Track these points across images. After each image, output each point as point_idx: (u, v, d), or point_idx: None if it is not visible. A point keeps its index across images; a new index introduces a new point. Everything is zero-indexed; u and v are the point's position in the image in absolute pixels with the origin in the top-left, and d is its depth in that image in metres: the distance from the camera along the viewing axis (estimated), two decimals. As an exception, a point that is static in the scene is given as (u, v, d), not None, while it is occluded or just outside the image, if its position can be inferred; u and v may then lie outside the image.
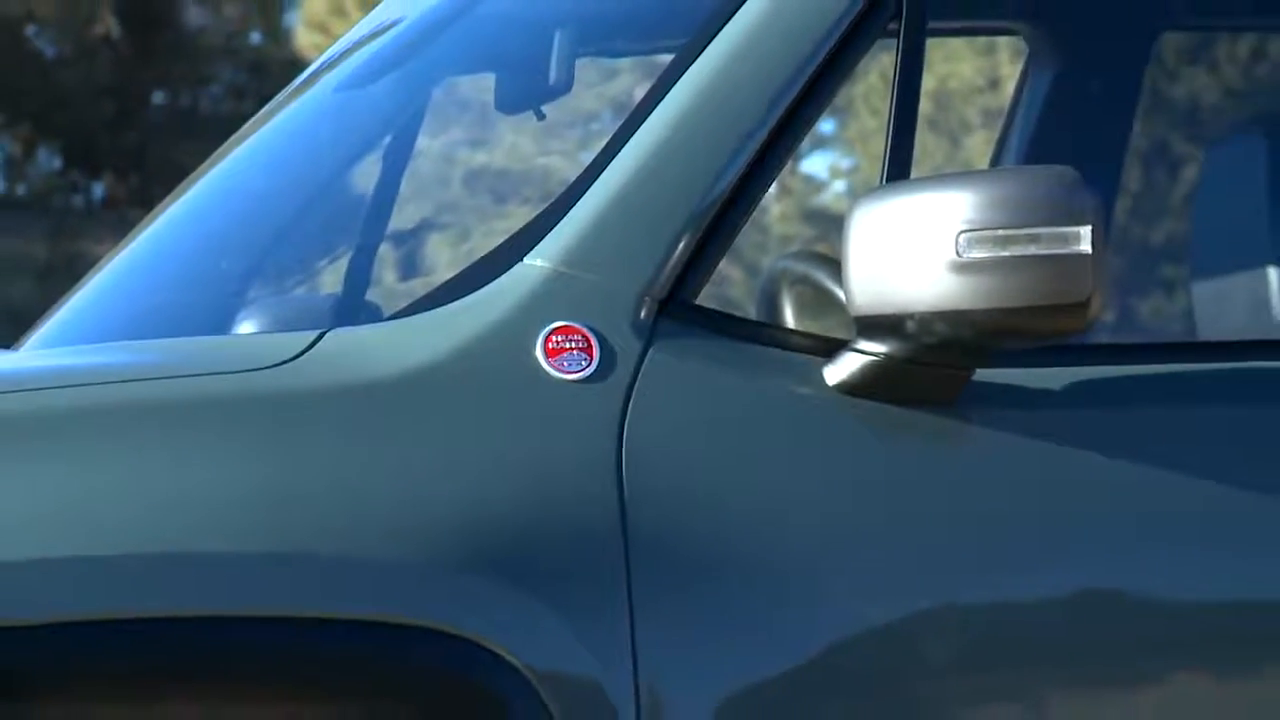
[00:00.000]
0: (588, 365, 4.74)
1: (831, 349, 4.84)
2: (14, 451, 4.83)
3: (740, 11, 4.97)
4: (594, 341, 4.74)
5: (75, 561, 4.73)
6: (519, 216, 5.05)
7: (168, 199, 6.02)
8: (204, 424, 4.84)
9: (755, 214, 4.99)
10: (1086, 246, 4.69)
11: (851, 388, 4.82)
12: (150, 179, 24.09)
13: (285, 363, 4.92)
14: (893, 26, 5.02)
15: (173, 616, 4.65)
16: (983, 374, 4.85)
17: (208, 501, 4.70)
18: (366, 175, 5.74)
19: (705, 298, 4.83)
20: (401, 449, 4.79)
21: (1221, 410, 5.15)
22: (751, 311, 5.04)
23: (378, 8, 6.39)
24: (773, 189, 5.00)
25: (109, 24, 34.66)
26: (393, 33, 6.01)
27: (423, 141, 5.77)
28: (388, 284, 5.42)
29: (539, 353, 4.74)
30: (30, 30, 35.51)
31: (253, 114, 6.26)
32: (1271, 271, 5.57)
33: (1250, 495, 5.03)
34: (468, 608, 4.67)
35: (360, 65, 6.00)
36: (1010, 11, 6.09)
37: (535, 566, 4.72)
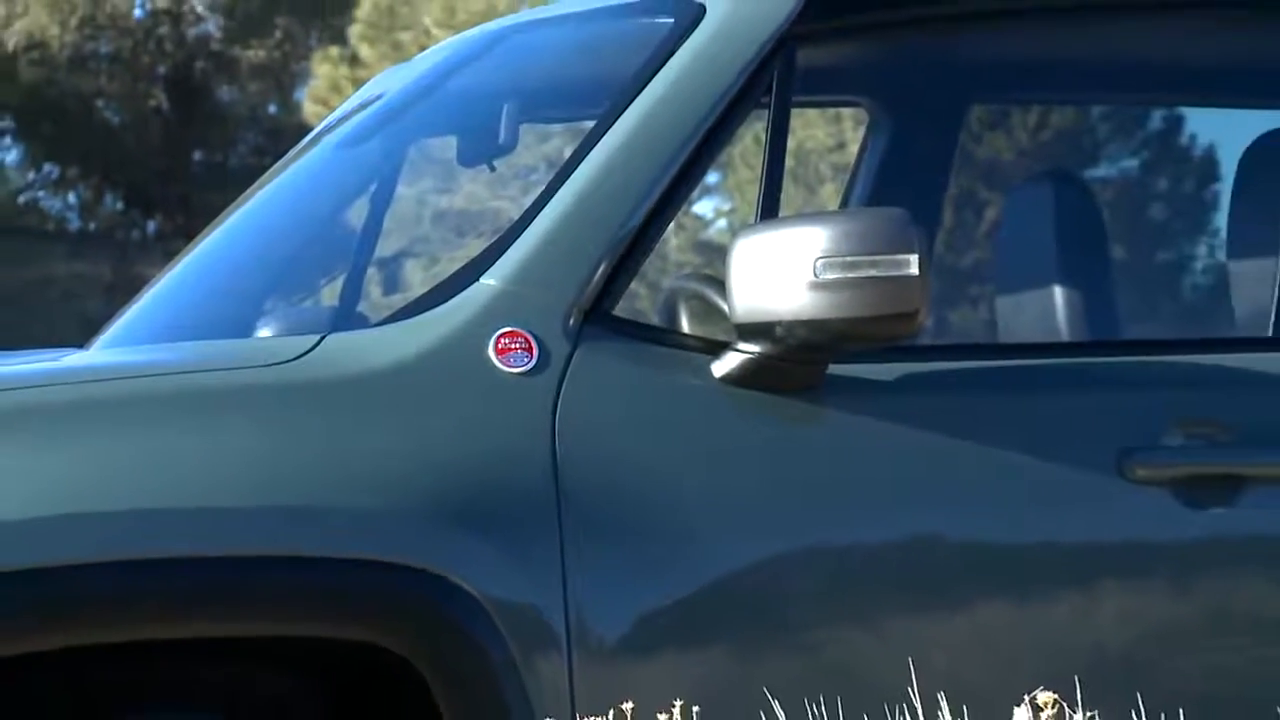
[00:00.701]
0: (529, 362, 4.92)
1: (717, 349, 5.04)
2: (80, 423, 4.91)
3: (647, 88, 5.18)
4: (534, 343, 4.94)
5: (126, 514, 4.74)
6: (475, 246, 5.42)
7: (204, 232, 6.05)
8: (232, 406, 5.00)
9: (658, 244, 4.88)
10: (914, 270, 4.91)
11: (733, 379, 4.99)
12: (191, 218, 23.93)
13: (295, 359, 5.08)
14: (764, 100, 5.21)
15: (205, 556, 4.73)
16: (835, 368, 5.04)
17: (234, 467, 4.85)
18: (357, 214, 5.93)
19: (620, 309, 5.11)
20: (384, 425, 4.96)
21: (1014, 396, 5.32)
22: (656, 320, 4.98)
23: (365, 85, 6.41)
24: (671, 225, 4.93)
25: (160, 99, 34.51)
26: (377, 105, 6.25)
27: (400, 188, 6.10)
28: (374, 298, 5.69)
29: (490, 352, 4.92)
30: (100, 103, 35.17)
31: (270, 167, 6.17)
32: (1056, 289, 5.56)
33: (1033, 461, 5.10)
34: (436, 550, 4.81)
35: (352, 129, 6.17)
36: (854, 89, 6.18)
37: (487, 517, 4.88)
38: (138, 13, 35.48)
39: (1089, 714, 3.83)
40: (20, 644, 4.59)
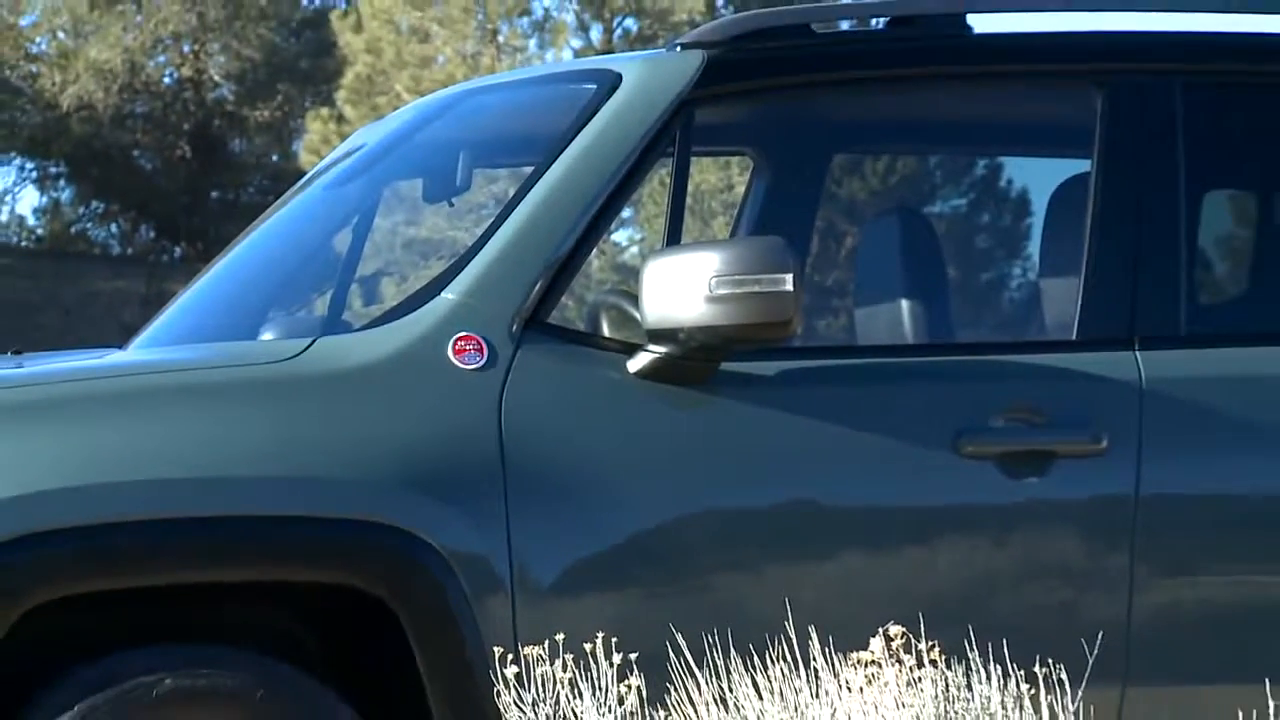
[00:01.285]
0: (480, 360, 4.92)
1: (631, 350, 5.03)
2: (119, 410, 4.94)
3: (574, 141, 5.19)
4: (484, 345, 4.94)
5: (153, 482, 4.78)
6: (437, 267, 5.41)
7: (218, 256, 6.06)
8: (241, 395, 5.03)
9: (584, 266, 5.17)
10: (789, 287, 4.89)
11: (644, 374, 4.98)
12: (210, 244, 23.76)
13: (292, 357, 5.08)
14: (669, 151, 5.18)
15: (221, 516, 4.76)
16: (726, 365, 5.01)
17: (243, 443, 4.87)
18: (341, 241, 6.02)
19: (553, 318, 5.11)
20: (364, 410, 4.96)
21: (869, 388, 5.28)
22: (583, 326, 4.95)
23: (348, 138, 6.38)
24: (594, 251, 4.92)
25: (185, 149, 34.26)
26: (358, 154, 6.22)
27: (377, 220, 6.17)
28: (355, 309, 5.75)
29: (449, 352, 4.92)
30: (136, 153, 34.93)
31: (272, 204, 6.21)
32: (902, 302, 5.66)
33: (884, 439, 5.10)
34: (405, 510, 4.83)
35: (338, 173, 6.21)
36: (740, 142, 6.22)
37: (446, 485, 4.88)
38: (167, 80, 35.30)
39: (930, 643, 3.82)
40: (73, 586, 4.62)
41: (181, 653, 4.69)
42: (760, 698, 3.88)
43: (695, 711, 3.90)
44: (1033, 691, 3.84)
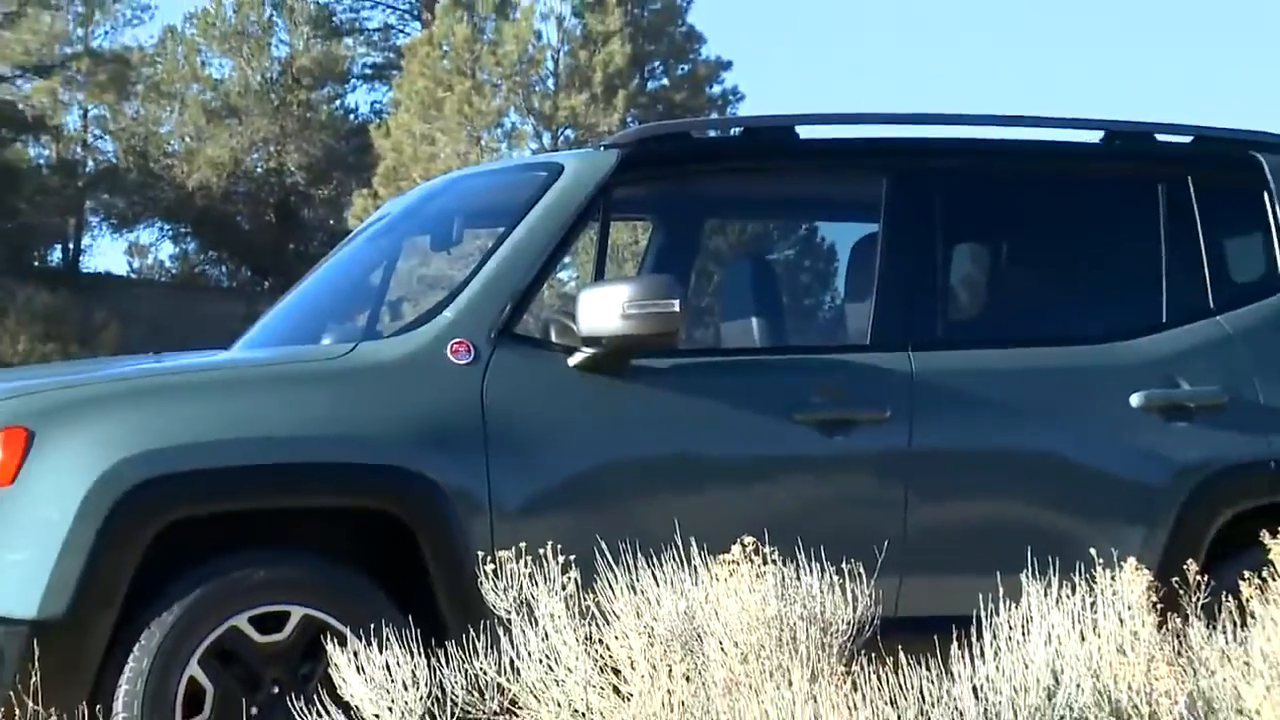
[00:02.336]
0: (469, 358, 4.87)
1: (571, 351, 4.96)
2: (226, 390, 4.95)
3: (531, 211, 5.11)
4: (472, 348, 4.89)
5: (256, 439, 4.76)
6: (439, 295, 5.27)
7: (291, 289, 6.23)
8: (309, 380, 5.00)
9: (538, 294, 5.18)
10: (676, 309, 4.89)
11: (580, 367, 4.94)
12: (288, 280, 23.35)
13: (342, 355, 5.06)
14: (596, 217, 5.19)
15: (294, 462, 4.76)
16: (634, 361, 4.95)
17: (311, 413, 4.85)
18: (375, 277, 6.00)
19: (519, 329, 5.04)
20: (391, 391, 4.89)
21: (731, 376, 5.24)
22: (538, 335, 4.86)
23: (381, 207, 6.34)
24: (545, 284, 4.89)
25: (271, 215, 33.80)
26: (386, 218, 6.22)
27: (399, 263, 6.07)
28: (385, 323, 5.69)
29: (448, 352, 4.87)
30: (239, 218, 34.57)
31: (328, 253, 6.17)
32: (753, 319, 5.55)
33: (741, 410, 5.05)
34: (417, 459, 4.77)
35: (373, 231, 6.18)
36: (643, 211, 6.28)
37: (446, 441, 4.83)
38: (258, 169, 34.98)
39: (771, 549, 3.79)
40: (194, 510, 4.59)
41: (266, 555, 4.67)
42: (658, 585, 3.83)
43: (613, 594, 3.85)
44: (840, 580, 3.81)
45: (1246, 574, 3.62)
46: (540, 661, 3.81)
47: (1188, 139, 5.62)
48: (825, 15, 51.22)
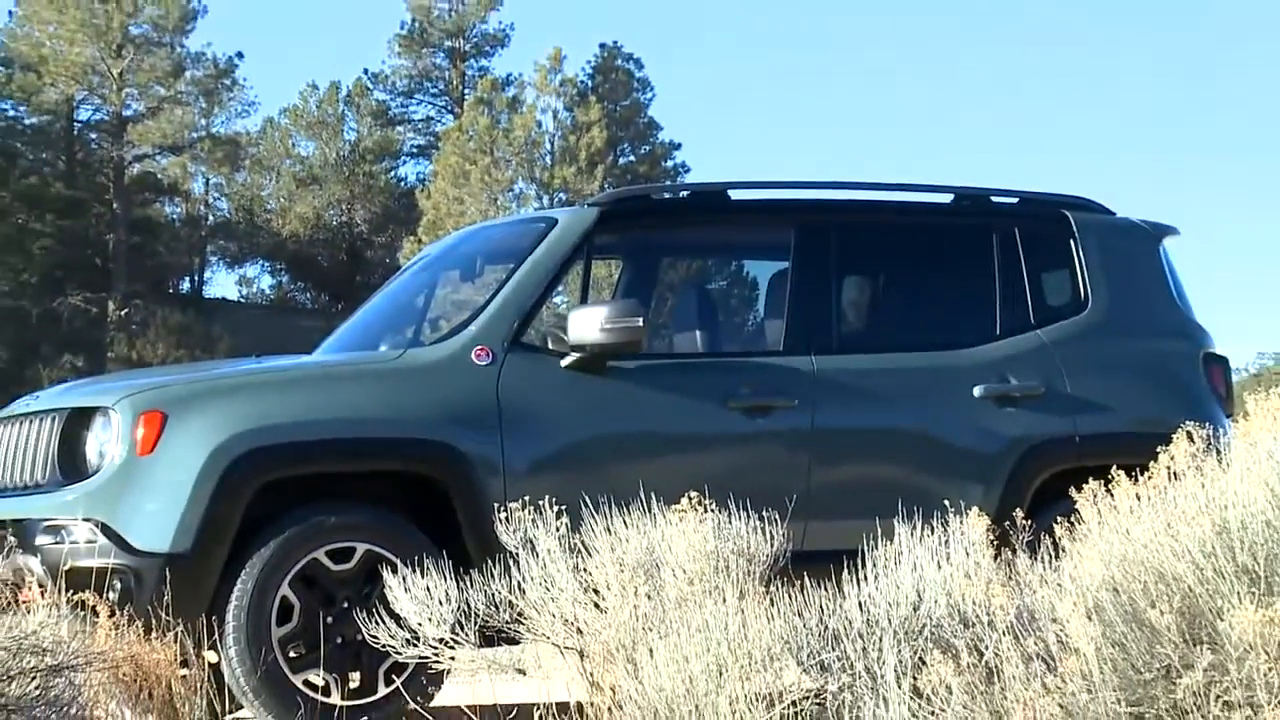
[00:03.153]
0: (488, 360, 4.82)
1: (563, 355, 4.89)
2: (308, 384, 4.90)
3: (533, 252, 5.04)
4: (490, 352, 4.83)
5: (332, 420, 4.68)
6: (465, 314, 5.18)
7: (358, 310, 6.17)
8: (370, 377, 4.92)
9: (539, 313, 5.11)
10: (640, 324, 4.85)
11: (570, 367, 4.87)
12: (355, 304, 23.16)
13: (395, 359, 5.04)
14: (581, 257, 5.12)
15: (360, 437, 4.69)
16: (610, 363, 4.88)
17: (371, 402, 4.76)
18: (419, 300, 5.91)
19: (525, 339, 4.95)
20: (431, 385, 4.80)
21: (681, 374, 5.17)
22: (539, 343, 4.83)
23: (422, 250, 6.39)
24: (544, 306, 5.07)
25: (344, 257, 33.64)
26: (426, 257, 6.17)
27: (436, 291, 5.90)
28: (426, 335, 5.56)
29: (472, 356, 4.82)
30: (319, 258, 34.42)
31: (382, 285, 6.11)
32: (697, 331, 5.56)
33: (690, 400, 4.99)
34: (451, 435, 4.71)
35: (417, 266, 6.14)
36: (615, 253, 6.15)
37: (470, 422, 4.74)
38: (335, 222, 34.95)
39: (711, 502, 3.74)
40: (285, 473, 4.55)
41: (338, 506, 4.61)
42: (626, 528, 3.79)
43: (594, 534, 3.82)
44: (761, 524, 3.79)
45: (1058, 519, 3.63)
46: (540, 584, 3.78)
47: (1015, 200, 5.60)
48: (752, 107, 51.44)
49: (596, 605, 3.68)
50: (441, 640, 3.88)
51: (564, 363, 4.84)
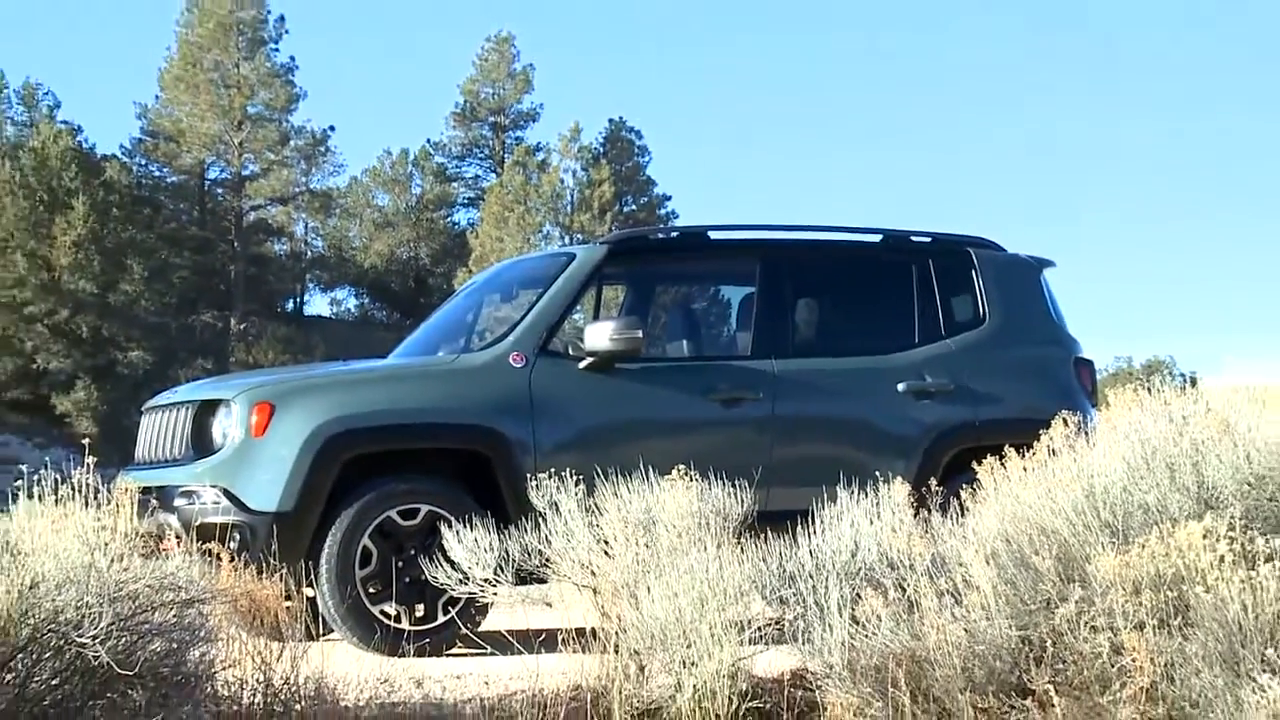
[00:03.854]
0: (523, 364, 4.77)
1: (581, 359, 4.83)
2: (383, 381, 4.84)
3: (557, 280, 4.97)
4: (524, 357, 4.78)
5: (404, 409, 4.64)
6: (506, 327, 5.09)
7: (420, 324, 6.09)
8: (433, 376, 4.85)
9: (561, 327, 4.99)
10: (640, 335, 4.83)
11: (587, 369, 4.80)
12: (419, 320, 22.76)
13: (451, 361, 4.94)
14: (594, 284, 5.10)
15: (424, 422, 4.63)
16: (617, 365, 4.81)
17: (433, 394, 4.70)
18: (469, 316, 5.78)
19: (551, 347, 4.86)
20: (479, 383, 4.73)
21: (673, 374, 5.10)
22: (562, 350, 4.77)
23: (471, 278, 6.29)
24: (565, 321, 5.03)
25: (412, 284, 33.37)
26: (473, 284, 6.09)
27: (482, 309, 5.74)
28: (475, 344, 5.38)
29: (510, 360, 4.76)
30: (393, 284, 34.12)
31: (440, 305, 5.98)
32: (684, 340, 5.47)
33: (679, 393, 4.91)
34: (495, 420, 4.65)
35: (467, 290, 6.09)
36: (620, 281, 5.79)
37: (509, 411, 4.67)
38: (405, 257, 34.78)
39: (696, 473, 3.71)
40: (365, 450, 4.49)
41: (406, 476, 4.56)
42: (630, 492, 3.75)
43: (604, 498, 3.78)
44: (733, 490, 3.75)
45: (963, 486, 3.60)
46: (562, 536, 3.73)
47: (929, 239, 5.55)
48: (728, 165, 51.14)
49: (606, 553, 3.64)
50: (486, 580, 3.85)
51: (581, 365, 4.77)
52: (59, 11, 44.58)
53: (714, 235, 5.39)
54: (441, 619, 4.43)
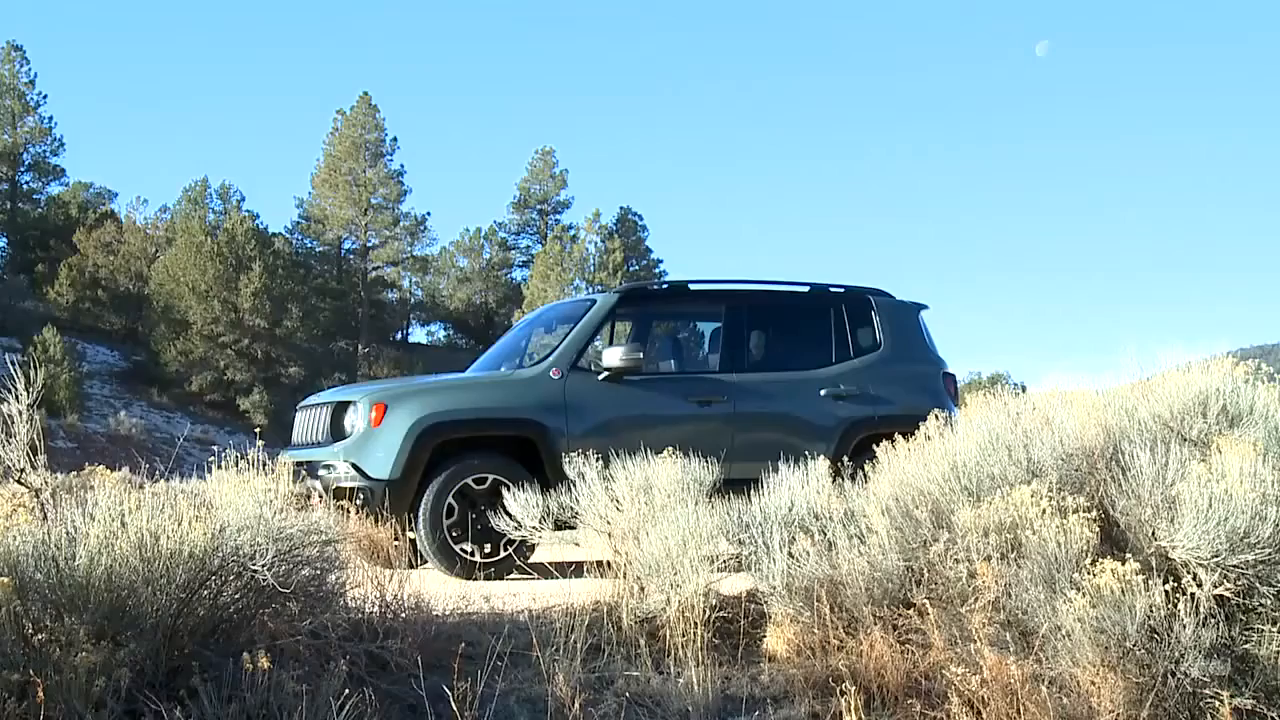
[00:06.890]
0: (559, 377, 4.69)
1: (601, 373, 4.74)
2: (463, 388, 4.63)
3: (582, 318, 4.89)
4: (561, 371, 4.69)
5: (473, 406, 4.43)
6: (548, 351, 4.95)
7: (487, 350, 5.77)
8: (497, 385, 4.66)
9: (586, 351, 4.86)
10: (640, 356, 4.73)
11: (605, 379, 4.72)
12: (489, 345, 22.17)
13: (509, 373, 4.79)
14: (611, 321, 5.10)
15: (491, 417, 4.47)
16: (626, 378, 4.73)
17: (497, 397, 4.53)
18: (523, 344, 5.51)
19: (579, 364, 4.75)
20: (529, 389, 4.61)
21: (667, 385, 4.94)
22: (587, 366, 4.69)
23: (524, 317, 6.11)
24: (590, 348, 4.85)
25: (483, 319, 32.40)
26: (525, 321, 5.90)
27: (531, 338, 5.52)
28: (526, 363, 5.23)
29: (550, 373, 4.67)
30: (469, 320, 33.04)
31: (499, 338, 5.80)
32: (671, 359, 5.44)
33: (671, 397, 4.78)
34: (540, 415, 4.54)
35: (519, 325, 5.91)
36: (627, 320, 5.57)
37: (549, 410, 4.56)
38: (477, 302, 34.31)
39: (682, 453, 3.70)
40: (454, 435, 4.39)
41: (479, 454, 4.47)
42: (634, 466, 3.71)
43: (616, 469, 3.75)
44: (707, 465, 3.71)
45: (866, 462, 3.60)
46: (586, 497, 3.70)
47: (843, 289, 5.50)
48: (703, 237, 50.68)
49: (617, 508, 3.62)
50: (534, 527, 3.84)
51: (600, 377, 4.72)
52: (245, 132, 45.46)
53: (693, 286, 5.35)
54: (502, 554, 4.39)
